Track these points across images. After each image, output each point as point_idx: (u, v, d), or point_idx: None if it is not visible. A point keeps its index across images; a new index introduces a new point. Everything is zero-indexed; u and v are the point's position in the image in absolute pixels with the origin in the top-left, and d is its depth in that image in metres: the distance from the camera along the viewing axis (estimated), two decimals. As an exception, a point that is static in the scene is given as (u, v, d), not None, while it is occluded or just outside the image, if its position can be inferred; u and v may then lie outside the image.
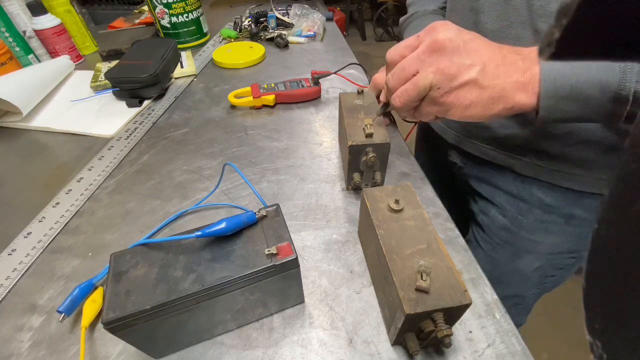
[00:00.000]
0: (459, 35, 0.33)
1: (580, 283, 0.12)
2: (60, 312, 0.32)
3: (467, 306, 0.25)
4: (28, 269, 0.38)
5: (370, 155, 0.39)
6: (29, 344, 0.32)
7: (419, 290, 0.26)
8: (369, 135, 0.39)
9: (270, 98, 0.60)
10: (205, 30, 0.86)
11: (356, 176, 0.42)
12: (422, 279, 0.25)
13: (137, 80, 0.60)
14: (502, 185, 0.55)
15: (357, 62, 0.69)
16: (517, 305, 0.65)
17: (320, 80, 0.62)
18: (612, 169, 0.41)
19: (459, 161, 0.62)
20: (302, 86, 0.61)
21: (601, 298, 0.09)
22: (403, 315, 0.25)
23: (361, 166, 0.41)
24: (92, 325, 0.33)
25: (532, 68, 0.33)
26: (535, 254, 0.56)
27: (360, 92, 0.46)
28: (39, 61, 0.74)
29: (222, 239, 0.29)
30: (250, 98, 0.60)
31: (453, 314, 0.26)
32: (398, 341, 0.30)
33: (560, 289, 0.63)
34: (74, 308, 0.33)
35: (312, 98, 0.62)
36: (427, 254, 0.28)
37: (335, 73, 0.62)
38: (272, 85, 0.61)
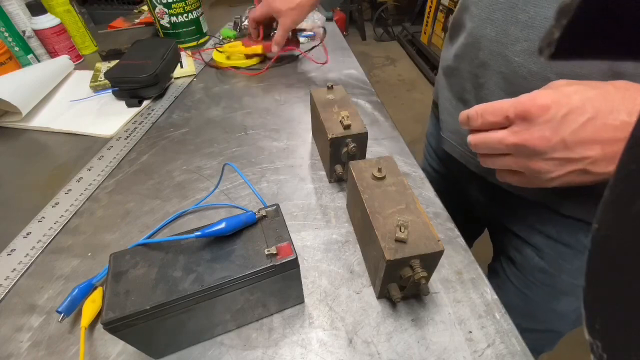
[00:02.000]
0: (565, 124, 0.26)
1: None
2: (59, 313, 0.32)
3: (440, 253, 0.29)
4: (27, 269, 0.38)
5: (352, 146, 0.40)
6: (28, 344, 0.32)
7: (398, 240, 0.29)
8: (347, 127, 0.41)
9: (258, 48, 0.71)
10: (205, 30, 0.86)
11: (338, 168, 0.44)
12: (400, 231, 0.29)
13: (136, 80, 0.60)
14: (539, 226, 0.48)
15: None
16: (548, 337, 0.59)
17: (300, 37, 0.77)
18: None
19: (482, 196, 0.54)
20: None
21: (601, 298, 0.09)
22: (385, 263, 0.28)
23: (342, 157, 0.42)
24: (92, 326, 0.33)
25: None
26: (576, 295, 0.50)
27: (330, 87, 0.47)
28: (39, 61, 0.74)
29: (222, 239, 0.29)
30: (242, 47, 0.71)
31: (429, 261, 0.29)
32: (383, 293, 0.33)
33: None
34: (73, 308, 0.33)
35: (294, 48, 0.73)
36: (405, 213, 0.31)
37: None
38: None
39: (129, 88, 0.61)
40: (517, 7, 0.36)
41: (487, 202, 0.55)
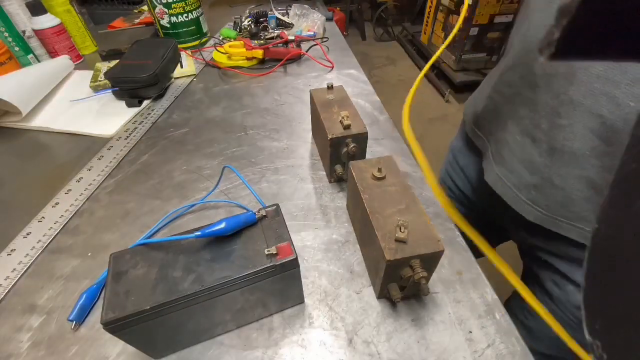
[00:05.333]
0: None
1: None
2: (71, 321, 0.32)
3: (440, 253, 0.29)
4: (27, 269, 0.38)
5: (352, 146, 0.40)
6: (28, 344, 0.32)
7: (398, 240, 0.29)
8: (347, 127, 0.40)
9: (259, 52, 0.72)
10: (205, 30, 0.86)
11: (338, 168, 0.44)
12: (400, 231, 0.29)
13: (136, 80, 0.60)
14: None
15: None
16: None
17: (301, 44, 0.78)
18: None
19: (522, 230, 0.50)
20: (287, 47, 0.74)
21: (601, 298, 0.09)
22: (385, 263, 0.28)
23: (342, 157, 0.42)
24: (91, 326, 0.33)
25: None
26: None
27: (330, 87, 0.47)
28: (39, 61, 0.74)
29: (222, 239, 0.29)
30: (243, 50, 0.71)
31: (429, 261, 0.29)
32: (382, 293, 0.33)
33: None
34: (84, 315, 0.33)
35: (295, 56, 0.74)
36: (405, 213, 0.31)
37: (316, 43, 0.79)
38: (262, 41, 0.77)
39: (129, 88, 0.61)
40: None
41: (525, 235, 0.50)
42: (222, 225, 0.28)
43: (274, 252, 0.27)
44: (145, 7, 1.02)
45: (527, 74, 0.40)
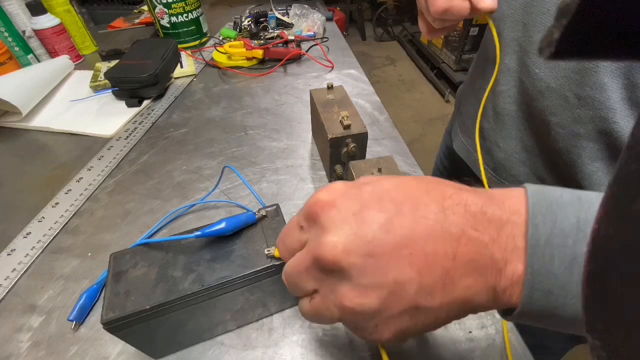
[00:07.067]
0: (362, 225, 0.18)
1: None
2: (71, 321, 0.32)
3: None
4: (27, 269, 0.38)
5: (352, 146, 0.40)
6: (28, 344, 0.32)
7: None
8: (347, 127, 0.40)
9: (259, 52, 0.72)
10: (205, 30, 0.86)
11: (338, 168, 0.43)
12: None
13: (136, 80, 0.60)
14: None
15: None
16: (543, 355, 0.54)
17: (301, 44, 0.77)
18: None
19: None
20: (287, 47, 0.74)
21: (601, 298, 0.09)
22: None
23: (342, 158, 0.42)
24: (92, 326, 0.33)
25: (511, 262, 0.18)
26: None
27: (330, 87, 0.47)
28: (39, 61, 0.74)
29: (222, 239, 0.29)
30: (243, 50, 0.71)
31: None
32: None
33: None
34: (84, 315, 0.33)
35: (295, 56, 0.74)
36: None
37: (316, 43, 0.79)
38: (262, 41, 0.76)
39: (129, 88, 0.61)
40: (549, 12, 0.32)
41: None
42: (222, 225, 0.28)
43: (274, 252, 0.27)
44: (145, 7, 1.02)
45: (483, 46, 0.45)
